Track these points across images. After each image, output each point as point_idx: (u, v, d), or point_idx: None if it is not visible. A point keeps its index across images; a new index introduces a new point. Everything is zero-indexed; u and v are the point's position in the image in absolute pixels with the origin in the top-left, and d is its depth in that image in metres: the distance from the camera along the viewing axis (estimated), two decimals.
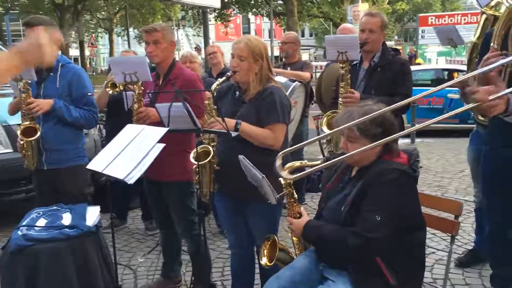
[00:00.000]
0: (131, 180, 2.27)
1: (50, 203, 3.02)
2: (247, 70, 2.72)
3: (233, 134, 2.43)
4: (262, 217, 2.82)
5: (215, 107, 2.73)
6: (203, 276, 3.37)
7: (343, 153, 2.30)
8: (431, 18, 16.71)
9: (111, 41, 37.10)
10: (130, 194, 5.18)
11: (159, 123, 2.85)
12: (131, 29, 34.68)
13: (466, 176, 6.62)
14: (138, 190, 4.97)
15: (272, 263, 2.50)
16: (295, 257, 2.55)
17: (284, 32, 35.07)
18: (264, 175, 2.20)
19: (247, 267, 3.11)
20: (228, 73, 2.74)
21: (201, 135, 2.73)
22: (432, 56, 24.51)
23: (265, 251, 2.56)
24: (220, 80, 2.72)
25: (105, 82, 4.36)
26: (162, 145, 2.36)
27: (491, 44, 2.73)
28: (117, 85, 4.21)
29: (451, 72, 10.67)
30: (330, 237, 2.20)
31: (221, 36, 34.39)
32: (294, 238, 2.55)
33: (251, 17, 36.62)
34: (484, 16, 3.28)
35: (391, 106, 2.21)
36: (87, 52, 37.14)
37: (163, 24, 3.47)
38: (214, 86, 2.71)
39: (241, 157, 2.36)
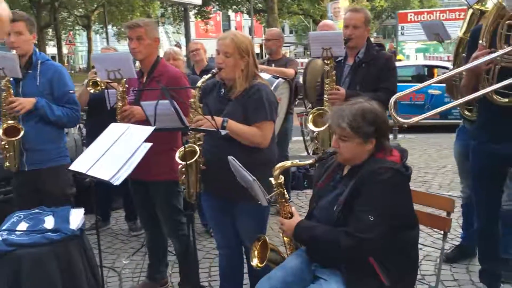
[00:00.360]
0: (117, 182, 2.19)
1: (31, 206, 2.92)
2: (233, 66, 2.65)
3: (223, 132, 2.37)
4: (251, 217, 2.77)
5: (201, 105, 2.66)
6: (191, 277, 3.29)
7: (335, 152, 2.26)
8: (410, 15, 16.86)
9: (89, 39, 36.52)
10: (112, 194, 5.08)
11: (144, 122, 2.78)
12: (109, 27, 34.19)
13: (449, 171, 6.68)
14: (121, 190, 4.88)
15: (263, 264, 2.45)
16: (286, 257, 2.51)
17: (264, 29, 35.09)
18: (255, 178, 2.15)
19: (235, 267, 3.05)
20: (214, 70, 2.67)
21: (188, 133, 2.65)
22: (410, 52, 24.72)
23: (256, 252, 2.52)
24: (206, 77, 2.65)
25: (86, 80, 4.25)
26: (149, 145, 2.28)
27: (480, 41, 2.73)
28: (99, 83, 4.12)
29: (431, 68, 10.77)
30: (322, 237, 2.16)
31: (201, 33, 34.17)
32: (285, 238, 2.50)
33: (231, 14, 36.43)
34: (470, 11, 3.28)
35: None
36: (64, 50, 36.55)
37: (147, 19, 3.38)
38: (199, 83, 2.64)
39: (230, 158, 2.30)
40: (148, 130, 2.32)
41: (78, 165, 2.41)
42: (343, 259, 2.17)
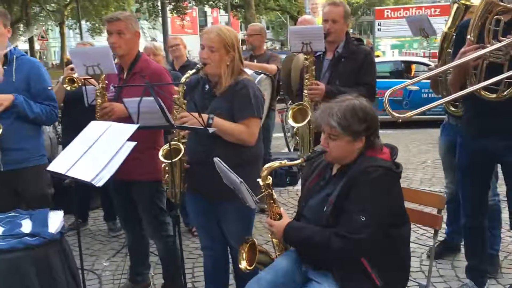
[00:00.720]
0: (99, 183, 2.08)
1: (7, 209, 2.77)
2: (219, 62, 2.57)
3: (210, 130, 2.27)
4: (236, 216, 2.69)
5: (185, 101, 2.57)
6: (176, 279, 3.20)
7: (324, 151, 2.19)
8: (387, 11, 16.94)
9: (62, 34, 35.74)
10: (90, 193, 4.93)
11: (125, 120, 2.68)
12: (83, 22, 33.53)
13: (429, 166, 6.73)
14: (99, 189, 4.73)
15: (252, 267, 2.38)
16: (275, 258, 2.44)
17: (241, 25, 34.91)
18: (242, 180, 2.07)
19: (220, 268, 2.97)
20: (198, 65, 2.58)
21: (174, 131, 2.54)
22: (386, 48, 24.88)
23: (244, 255, 2.43)
24: (190, 72, 2.56)
25: (61, 77, 4.09)
26: (132, 143, 2.17)
27: (468, 37, 2.70)
28: (76, 80, 3.97)
29: (409, 64, 10.85)
30: (313, 239, 2.09)
31: (177, 29, 33.73)
32: (274, 240, 2.43)
33: (207, 10, 36.16)
34: (455, 6, 3.26)
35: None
36: (37, 46, 35.69)
37: (127, 13, 3.26)
38: (184, 79, 2.54)
39: (216, 159, 2.22)
40: (131, 128, 2.21)
41: (57, 166, 2.29)
42: (334, 260, 2.11)
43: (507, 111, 2.68)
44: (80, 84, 3.91)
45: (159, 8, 26.78)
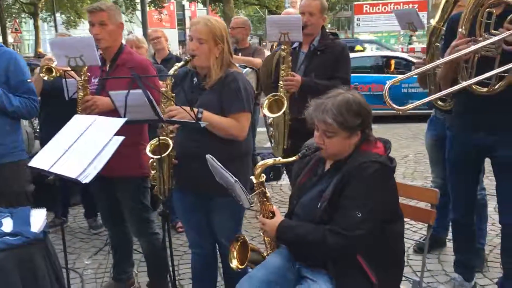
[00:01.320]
0: (85, 179, 1.98)
1: None
2: (207, 54, 2.49)
3: (202, 124, 2.19)
4: (227, 212, 2.62)
5: (173, 94, 2.48)
6: (162, 277, 3.12)
7: (319, 148, 2.14)
8: (366, 7, 17.04)
9: (36, 27, 34.87)
10: (69, 190, 4.79)
11: (108, 113, 2.58)
12: (58, 14, 32.81)
13: (410, 161, 6.76)
14: (79, 185, 4.60)
15: (244, 266, 2.31)
16: (267, 256, 2.38)
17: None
18: (236, 179, 2.01)
19: (209, 267, 2.90)
20: (186, 57, 2.50)
21: (163, 126, 2.45)
22: (363, 43, 25.09)
23: (235, 253, 2.37)
24: (178, 64, 2.47)
25: (39, 67, 3.94)
26: (121, 138, 2.08)
27: (459, 30, 2.67)
28: (53, 70, 3.83)
29: (388, 59, 10.89)
30: (307, 237, 2.03)
31: (155, 23, 33.22)
32: (266, 238, 2.37)
33: (185, 3, 35.76)
34: None
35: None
36: (10, 39, 34.79)
37: (110, 3, 3.14)
38: (172, 71, 2.45)
39: (208, 156, 2.14)
40: (119, 122, 2.12)
41: (39, 162, 2.18)
42: (330, 258, 2.06)
43: (498, 105, 2.67)
44: (58, 75, 3.78)
45: (136, 1, 26.37)
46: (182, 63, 2.46)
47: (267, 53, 5.09)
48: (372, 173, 1.98)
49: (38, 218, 2.23)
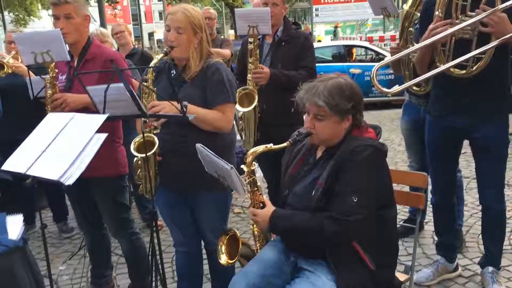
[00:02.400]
0: (68, 181, 1.86)
1: None
2: (187, 44, 2.39)
3: (190, 117, 2.10)
4: (214, 206, 2.55)
5: (155, 88, 2.38)
6: (144, 278, 3.01)
7: (309, 133, 2.09)
8: None
9: None
10: (36, 193, 4.58)
11: (80, 110, 2.45)
12: (6, 13, 31.50)
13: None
14: (44, 188, 4.41)
15: (234, 260, 2.24)
16: (256, 251, 2.32)
17: None
18: (232, 165, 1.92)
19: (195, 265, 2.81)
20: (165, 49, 2.39)
21: (147, 121, 2.34)
22: (320, 34, 25.24)
23: (223, 247, 2.29)
24: (158, 57, 2.37)
25: None
26: (104, 135, 1.96)
27: (436, 13, 2.68)
28: (5, 66, 3.64)
29: (350, 48, 11.01)
30: (304, 225, 1.98)
31: (109, 18, 32.38)
32: (255, 231, 2.30)
33: None
34: None
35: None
36: None
37: None
38: (153, 64, 2.35)
39: (199, 145, 2.05)
40: (100, 118, 1.99)
41: (14, 164, 2.03)
42: (328, 245, 2.02)
43: (476, 86, 2.70)
44: (10, 71, 3.59)
45: None
46: (161, 54, 2.36)
47: None
48: (367, 157, 1.96)
49: (15, 225, 2.09)
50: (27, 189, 3.97)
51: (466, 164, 5.19)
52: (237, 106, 3.26)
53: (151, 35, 49.76)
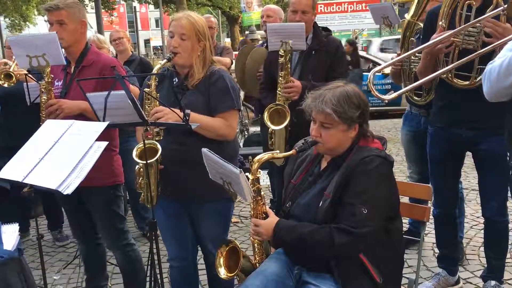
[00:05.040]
0: (67, 190, 1.80)
1: None
2: (190, 51, 2.36)
3: (193, 126, 2.06)
4: (216, 217, 2.51)
5: (158, 95, 2.33)
6: None
7: (315, 142, 2.05)
8: (321, 6, 17.12)
9: None
10: (30, 200, 4.50)
11: (75, 117, 2.40)
12: (1, 18, 31.43)
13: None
14: (40, 195, 4.34)
15: (234, 274, 2.18)
16: (256, 264, 2.25)
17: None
18: (241, 170, 1.87)
19: (191, 280, 2.73)
20: (168, 55, 2.35)
21: (149, 129, 2.28)
22: None
23: (222, 260, 2.22)
24: (162, 62, 2.33)
25: None
26: (104, 143, 1.91)
27: (440, 23, 2.66)
28: (13, 75, 3.57)
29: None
30: (311, 236, 1.94)
31: (105, 25, 32.42)
32: (256, 243, 2.24)
33: (136, 5, 35.10)
34: None
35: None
36: None
37: (70, 0, 2.91)
38: (155, 70, 2.30)
39: (205, 150, 2.00)
40: (100, 126, 1.95)
41: (10, 172, 1.98)
42: (334, 258, 1.97)
43: (479, 99, 2.66)
44: (19, 79, 3.53)
45: (85, 3, 25.61)
46: (164, 61, 2.32)
47: None
48: (375, 167, 1.93)
49: (10, 235, 2.03)
50: (22, 197, 3.93)
51: (465, 175, 5.17)
52: (268, 123, 3.17)
53: (147, 42, 49.82)
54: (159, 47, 42.99)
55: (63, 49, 2.77)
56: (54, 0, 2.71)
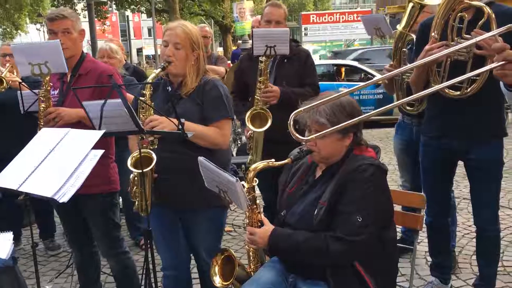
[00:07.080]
0: (63, 198, 1.81)
1: None
2: (184, 60, 2.38)
3: (189, 134, 2.07)
4: (210, 225, 2.51)
5: (153, 103, 2.34)
6: None
7: (310, 151, 2.07)
8: (313, 16, 17.35)
9: None
10: (22, 209, 4.47)
11: (73, 125, 2.41)
12: None
13: None
14: (32, 204, 4.31)
15: (229, 283, 2.18)
16: (251, 272, 2.26)
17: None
18: (237, 178, 1.88)
19: None
20: (163, 64, 2.37)
21: (144, 138, 2.29)
22: None
23: (217, 268, 2.23)
24: (156, 71, 2.35)
25: None
26: (100, 152, 1.92)
27: (432, 34, 2.70)
28: (3, 81, 3.58)
29: (339, 67, 11.11)
30: (306, 245, 1.96)
31: (98, 34, 32.47)
32: (251, 252, 2.25)
33: (129, 14, 35.17)
34: (410, 4, 3.25)
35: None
36: None
37: (70, 10, 2.97)
38: (150, 79, 2.32)
39: (201, 158, 2.02)
40: (96, 134, 1.95)
41: (5, 180, 1.97)
42: (331, 265, 1.98)
43: (470, 108, 2.71)
44: (9, 86, 3.53)
45: (78, 12, 25.61)
46: (159, 69, 2.34)
47: None
48: (370, 176, 1.95)
49: (4, 243, 2.02)
50: (15, 205, 3.91)
51: (456, 184, 5.20)
52: (249, 125, 3.21)
53: (139, 50, 49.85)
54: (151, 56, 43.04)
55: None
56: (51, 9, 2.74)
